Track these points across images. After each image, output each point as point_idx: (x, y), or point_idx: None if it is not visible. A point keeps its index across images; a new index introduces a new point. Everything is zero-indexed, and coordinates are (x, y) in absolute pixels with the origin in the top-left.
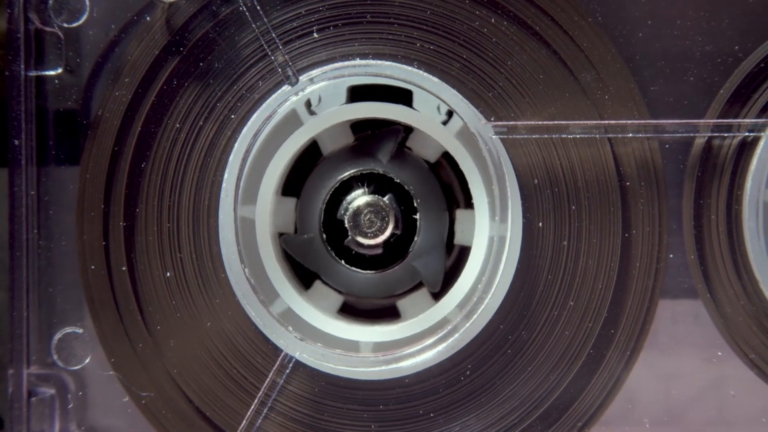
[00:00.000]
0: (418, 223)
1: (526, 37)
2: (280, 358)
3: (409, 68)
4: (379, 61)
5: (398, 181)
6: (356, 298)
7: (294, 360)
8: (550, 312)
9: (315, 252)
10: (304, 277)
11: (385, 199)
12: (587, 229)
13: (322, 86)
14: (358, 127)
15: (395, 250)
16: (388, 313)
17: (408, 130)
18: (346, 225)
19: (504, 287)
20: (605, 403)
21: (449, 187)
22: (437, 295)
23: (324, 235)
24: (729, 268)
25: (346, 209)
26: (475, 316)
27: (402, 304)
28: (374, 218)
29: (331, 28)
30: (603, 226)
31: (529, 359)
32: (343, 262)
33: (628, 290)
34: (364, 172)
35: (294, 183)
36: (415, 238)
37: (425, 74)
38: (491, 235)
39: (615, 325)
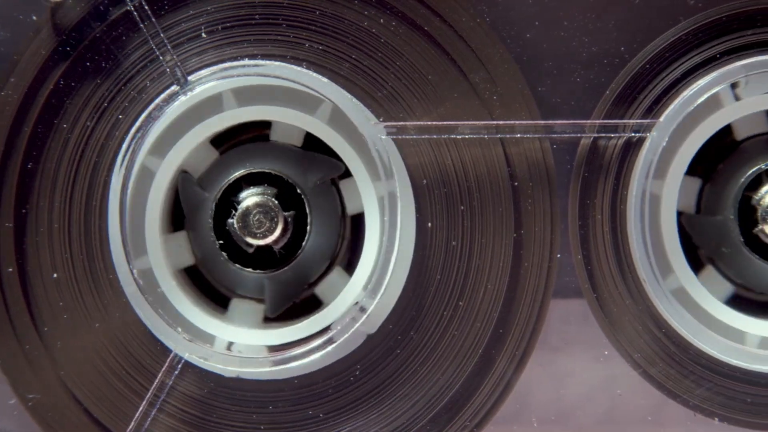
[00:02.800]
0: (306, 207)
1: (415, 37)
2: (169, 359)
3: (299, 69)
4: (268, 62)
5: (275, 173)
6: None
7: (183, 361)
8: (441, 313)
9: (221, 270)
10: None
11: (270, 196)
12: (478, 230)
13: (211, 86)
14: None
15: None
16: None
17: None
18: (237, 229)
19: (394, 288)
20: (497, 403)
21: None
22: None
23: (222, 251)
24: (614, 268)
25: (234, 216)
26: (364, 317)
27: (319, 290)
28: (263, 218)
29: (220, 29)
30: (494, 226)
31: (421, 361)
32: (249, 269)
33: (519, 290)
34: (242, 175)
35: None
36: (309, 222)
37: (314, 74)
38: (381, 237)
39: (506, 325)
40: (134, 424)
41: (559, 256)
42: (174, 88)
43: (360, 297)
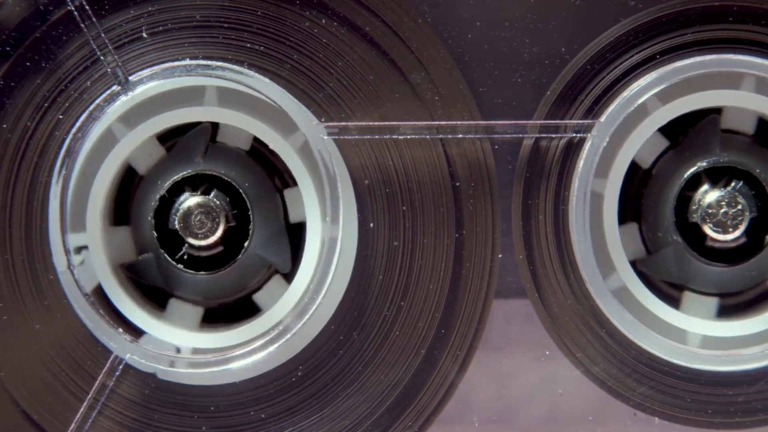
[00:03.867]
0: (250, 211)
1: (356, 38)
2: (109, 361)
3: (240, 69)
4: (209, 62)
5: (218, 175)
6: (214, 301)
7: (124, 362)
8: (384, 313)
9: (160, 270)
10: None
11: (212, 197)
12: (420, 230)
13: (153, 86)
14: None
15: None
16: (248, 311)
17: (215, 125)
18: (178, 230)
19: (337, 289)
20: (441, 404)
21: (273, 168)
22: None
23: (162, 250)
24: (556, 268)
25: (176, 215)
26: (306, 317)
27: (258, 297)
28: (204, 219)
29: (162, 30)
30: (435, 227)
31: (364, 362)
32: (188, 270)
33: (460, 290)
34: (185, 176)
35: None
36: (251, 226)
37: (256, 75)
38: (323, 237)
39: (448, 325)
40: (74, 427)
41: (501, 256)
42: (115, 88)
43: (302, 298)
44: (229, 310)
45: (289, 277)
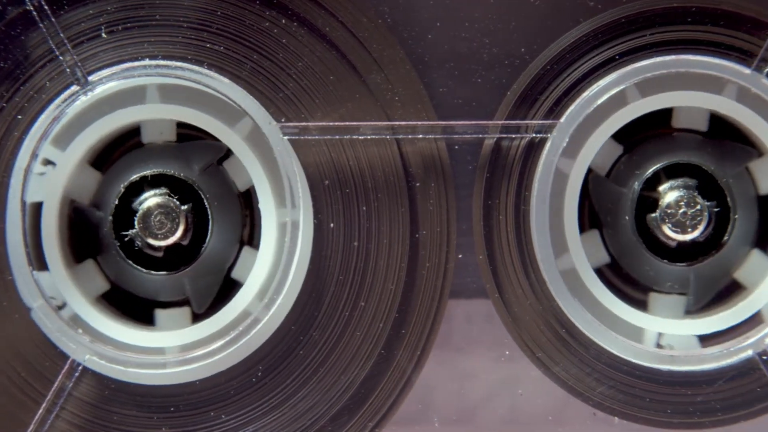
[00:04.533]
0: (209, 213)
1: (315, 39)
2: (68, 363)
3: (199, 69)
4: (169, 62)
5: (180, 176)
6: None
7: (82, 365)
8: (341, 313)
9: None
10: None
11: (173, 198)
12: (377, 230)
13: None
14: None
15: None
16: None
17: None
18: (137, 229)
19: (295, 289)
20: (396, 403)
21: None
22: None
23: (119, 247)
24: (517, 268)
25: (135, 214)
26: (266, 318)
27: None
28: (164, 219)
29: (120, 29)
30: (393, 227)
31: (321, 360)
32: (142, 268)
33: (417, 290)
34: (146, 175)
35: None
36: (207, 239)
37: (215, 75)
38: (281, 237)
39: (405, 325)
40: (31, 429)
41: (461, 256)
42: (74, 88)
43: (260, 299)
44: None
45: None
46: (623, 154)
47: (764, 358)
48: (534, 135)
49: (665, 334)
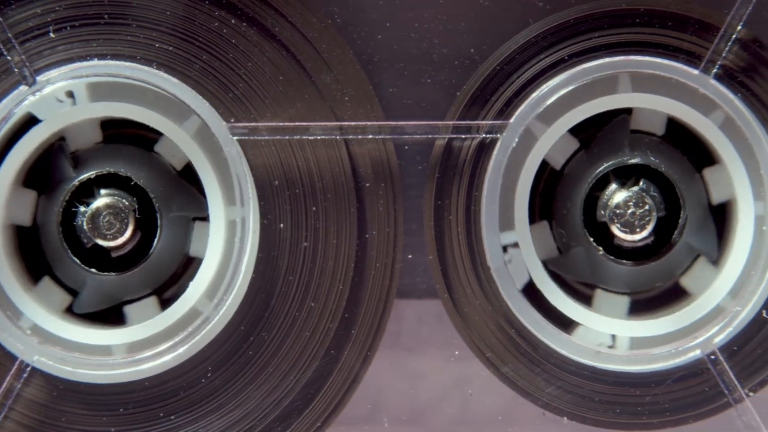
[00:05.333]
0: (158, 214)
1: (265, 39)
2: (16, 364)
3: (148, 69)
4: (117, 62)
5: (127, 175)
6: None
7: (31, 365)
8: (289, 312)
9: (71, 267)
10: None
11: (124, 200)
12: (325, 230)
13: (61, 86)
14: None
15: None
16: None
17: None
18: (86, 230)
19: (243, 289)
20: (344, 402)
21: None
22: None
23: (68, 248)
24: (467, 268)
25: (84, 215)
26: (216, 318)
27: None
28: (113, 219)
29: (69, 28)
30: (341, 227)
31: (269, 359)
32: (93, 270)
33: (365, 290)
34: (98, 174)
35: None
36: (155, 242)
37: (164, 75)
38: (230, 237)
39: (353, 325)
40: None
41: (411, 256)
42: (22, 87)
43: (209, 299)
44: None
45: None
46: (579, 150)
47: (712, 358)
48: (485, 135)
49: (616, 336)
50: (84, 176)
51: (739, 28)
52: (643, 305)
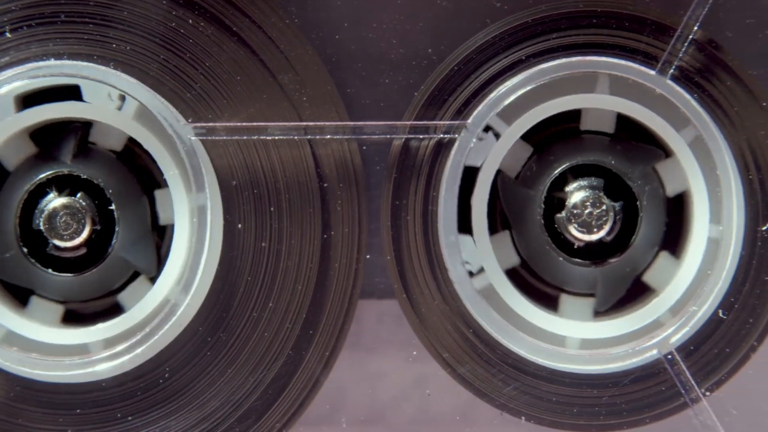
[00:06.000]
0: (115, 214)
1: (225, 37)
2: None
3: (106, 69)
4: (74, 62)
5: (85, 177)
6: (78, 303)
7: None
8: (250, 313)
9: (22, 268)
10: (19, 294)
11: (78, 198)
12: (287, 230)
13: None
14: (39, 134)
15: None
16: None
17: (88, 124)
18: (43, 231)
19: (204, 289)
20: (305, 404)
21: (144, 169)
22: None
23: (24, 249)
24: (425, 269)
25: (41, 216)
26: (174, 318)
27: (122, 297)
28: (70, 220)
29: (25, 27)
30: (303, 227)
31: (229, 361)
32: (50, 270)
33: (327, 291)
34: (50, 176)
35: None
36: (116, 229)
37: (122, 74)
38: (190, 237)
39: (315, 326)
40: None
41: (369, 257)
42: None
43: (168, 298)
44: (91, 308)
45: (153, 278)
46: (532, 155)
47: (669, 358)
48: (442, 135)
49: (574, 336)
50: (44, 175)
51: (695, 29)
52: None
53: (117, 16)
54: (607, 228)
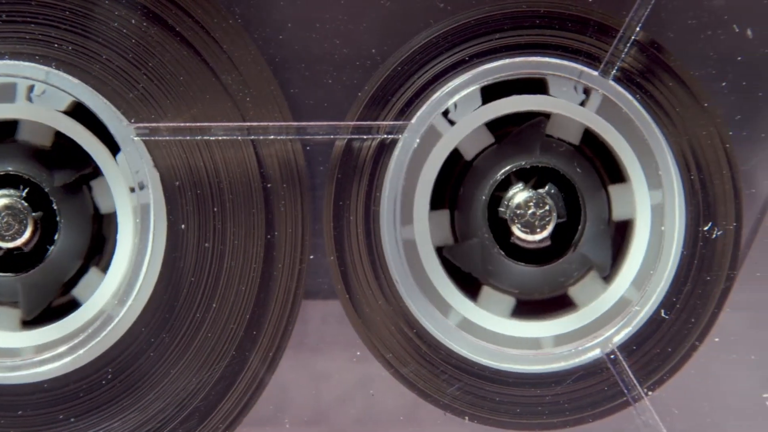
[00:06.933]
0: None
1: (167, 37)
2: None
3: (48, 69)
4: (15, 62)
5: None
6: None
7: None
8: (193, 314)
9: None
10: None
11: (22, 200)
12: (231, 231)
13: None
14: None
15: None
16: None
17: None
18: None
19: (146, 290)
20: (249, 405)
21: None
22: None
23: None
24: (367, 269)
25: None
26: (116, 320)
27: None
28: (12, 221)
29: None
30: (246, 228)
31: (173, 362)
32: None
33: (271, 292)
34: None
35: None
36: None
37: (63, 74)
38: (133, 239)
39: (258, 327)
40: None
41: (312, 257)
42: None
43: (111, 301)
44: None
45: (106, 270)
46: (492, 145)
47: (612, 357)
48: (385, 136)
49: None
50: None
51: (637, 30)
52: (527, 308)
53: (59, 16)
54: (549, 230)
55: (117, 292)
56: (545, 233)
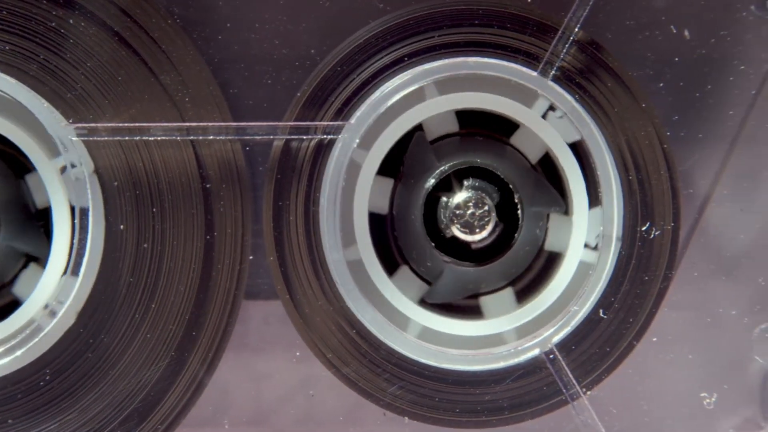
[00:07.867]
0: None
1: (106, 37)
2: None
3: None
4: None
5: None
6: None
7: None
8: (132, 315)
9: None
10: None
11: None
12: (170, 232)
13: None
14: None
15: None
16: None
17: None
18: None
19: (85, 291)
20: (188, 406)
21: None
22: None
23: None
24: (308, 269)
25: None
26: (54, 321)
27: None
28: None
29: None
30: (185, 229)
31: (112, 363)
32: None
33: (211, 292)
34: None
35: None
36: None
37: (2, 75)
38: (71, 239)
39: (198, 327)
40: None
41: (252, 257)
42: None
43: (49, 301)
44: None
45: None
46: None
47: (551, 357)
48: (323, 136)
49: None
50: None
51: (576, 29)
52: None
53: None
54: (489, 229)
55: (54, 293)
56: (485, 233)
